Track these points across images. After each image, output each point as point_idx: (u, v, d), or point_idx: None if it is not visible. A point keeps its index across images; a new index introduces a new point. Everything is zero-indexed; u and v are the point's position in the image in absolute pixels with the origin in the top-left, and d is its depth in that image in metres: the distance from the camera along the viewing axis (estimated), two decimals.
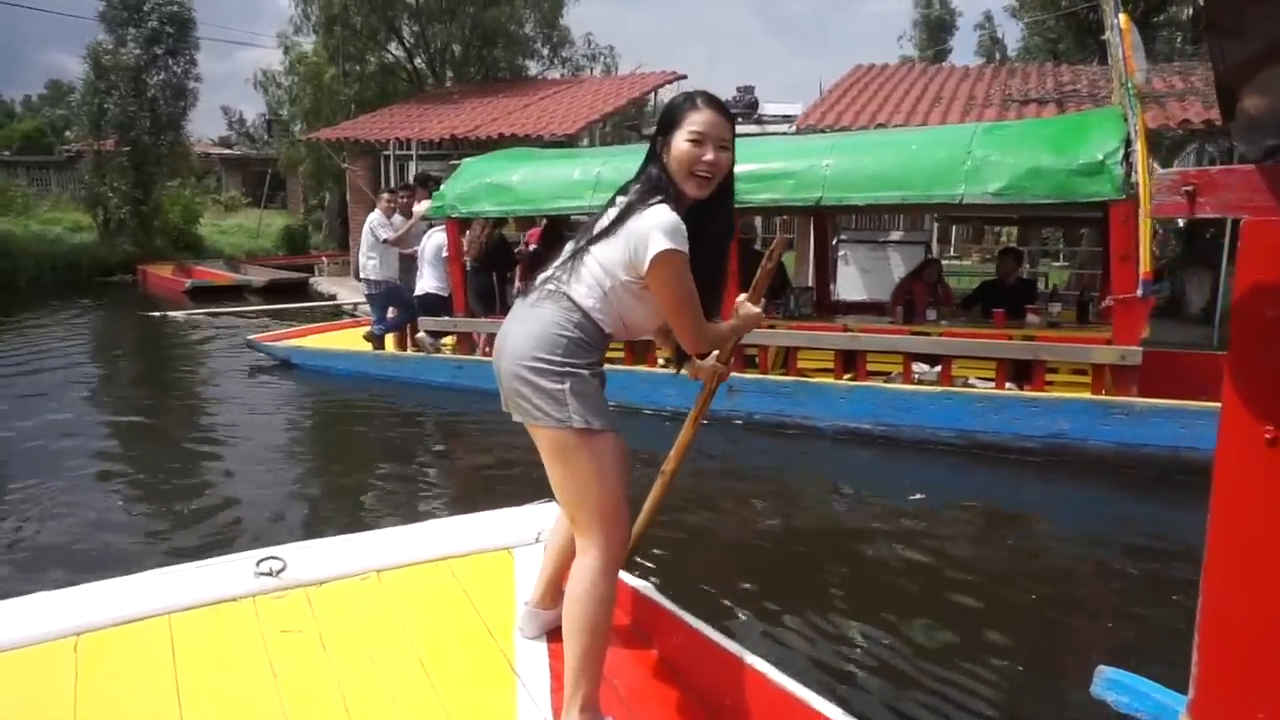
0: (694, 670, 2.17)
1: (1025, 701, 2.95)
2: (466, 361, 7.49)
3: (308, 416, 7.14)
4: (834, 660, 3.10)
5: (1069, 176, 5.45)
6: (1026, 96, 9.84)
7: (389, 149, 14.45)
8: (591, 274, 1.96)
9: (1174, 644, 3.34)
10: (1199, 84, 9.85)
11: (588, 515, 1.96)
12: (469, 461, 6.06)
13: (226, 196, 27.53)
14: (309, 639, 2.25)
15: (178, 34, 18.66)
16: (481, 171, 7.48)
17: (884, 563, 4.14)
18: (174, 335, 11.41)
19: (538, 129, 12.60)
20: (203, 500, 4.77)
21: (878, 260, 11.25)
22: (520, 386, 1.93)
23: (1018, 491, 5.34)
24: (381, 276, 7.77)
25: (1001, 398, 5.69)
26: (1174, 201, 1.25)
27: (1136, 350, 5.41)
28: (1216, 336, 9.55)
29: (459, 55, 19.35)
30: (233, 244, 21.27)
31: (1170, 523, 4.76)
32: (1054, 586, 3.95)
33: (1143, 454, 5.31)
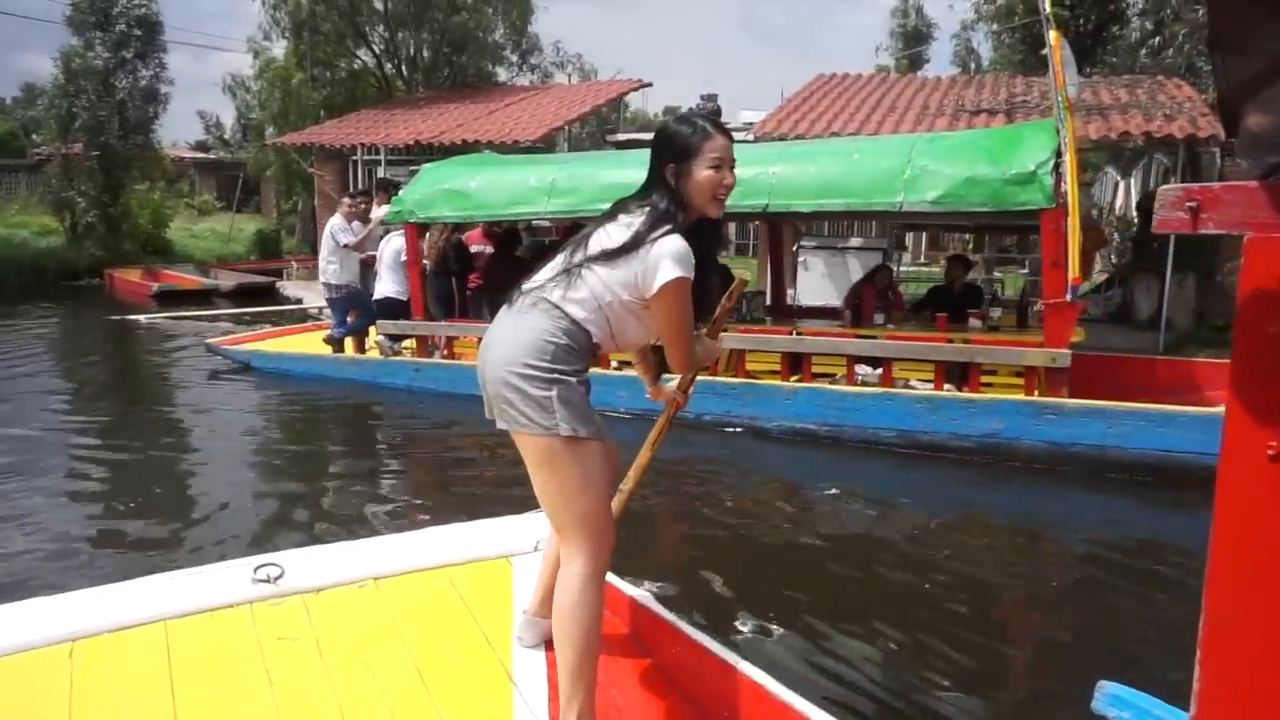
0: (691, 680, 2.16)
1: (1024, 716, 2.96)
2: (425, 364, 7.60)
3: (272, 420, 7.20)
4: (815, 667, 3.12)
5: (1003, 186, 5.66)
6: (978, 107, 10.10)
7: (357, 154, 14.53)
8: (590, 289, 1.98)
9: (1115, 632, 3.54)
10: (1143, 97, 10.15)
11: (572, 523, 1.97)
12: (437, 465, 6.11)
13: (200, 201, 27.39)
14: (306, 646, 2.23)
15: (146, 37, 18.62)
16: (440, 177, 7.59)
17: (841, 563, 4.25)
18: (135, 339, 11.41)
19: (502, 135, 12.73)
20: (179, 509, 4.75)
21: (836, 266, 11.47)
22: (507, 393, 1.93)
23: (1023, 497, 5.43)
24: (342, 280, 7.86)
25: (939, 398, 5.88)
26: (1177, 218, 1.23)
27: (1066, 353, 5.62)
28: (1162, 342, 9.83)
29: (427, 61, 19.44)
30: (204, 248, 21.20)
31: (1121, 521, 4.94)
32: (1031, 589, 4.10)
33: (1072, 453, 5.52)
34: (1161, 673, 3.09)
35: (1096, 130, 9.20)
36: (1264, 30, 1.03)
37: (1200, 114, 9.27)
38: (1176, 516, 4.98)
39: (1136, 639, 3.54)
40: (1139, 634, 3.58)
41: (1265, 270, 1.18)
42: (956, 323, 6.62)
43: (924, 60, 31.43)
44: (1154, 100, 9.92)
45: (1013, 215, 6.01)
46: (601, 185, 6.72)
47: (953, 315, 6.71)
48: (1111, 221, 17.28)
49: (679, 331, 2.04)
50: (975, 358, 5.95)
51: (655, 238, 1.95)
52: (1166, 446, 5.31)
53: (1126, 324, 11.27)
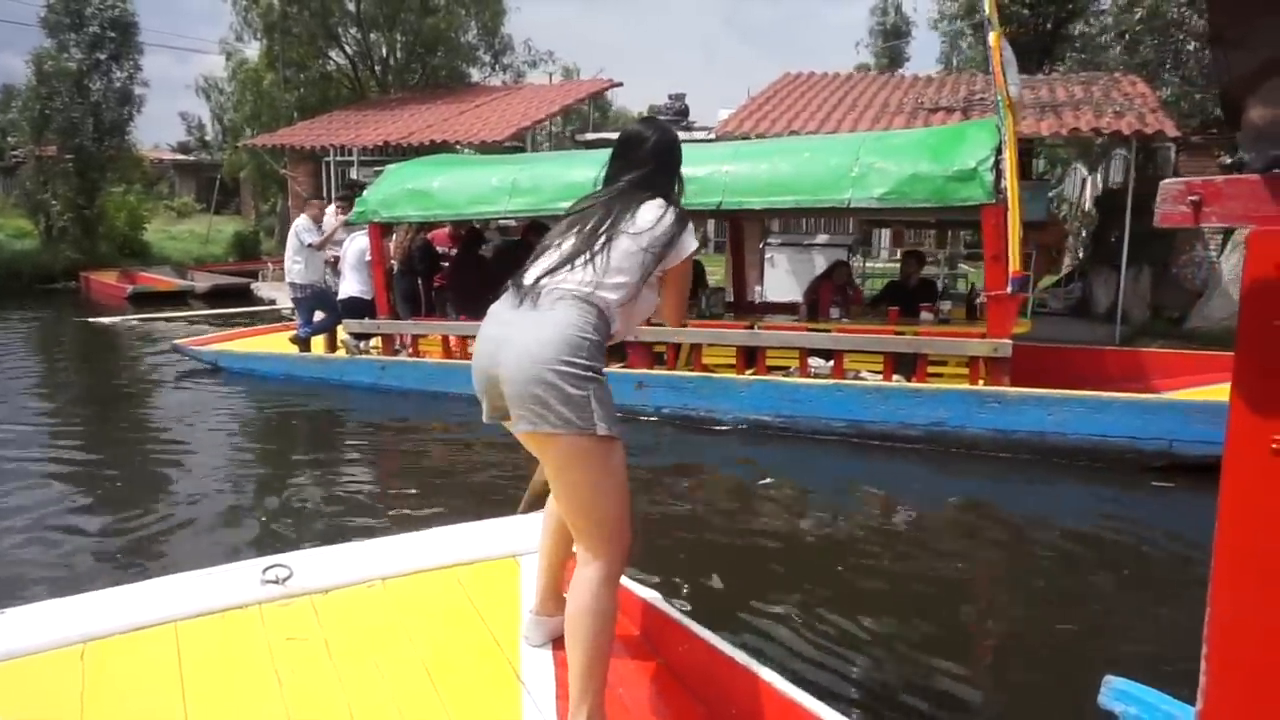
0: (701, 681, 2.16)
1: (1030, 710, 2.99)
2: (390, 362, 7.72)
3: (247, 421, 7.25)
4: (805, 659, 3.17)
5: (945, 182, 5.84)
6: (936, 105, 10.30)
7: (329, 155, 14.60)
8: (626, 269, 1.99)
9: (1104, 620, 3.70)
10: (1097, 94, 10.37)
11: (596, 525, 1.94)
12: (417, 463, 6.21)
13: (179, 203, 27.29)
14: (314, 647, 2.25)
15: (121, 39, 18.60)
16: (403, 178, 7.71)
17: (800, 554, 4.36)
18: (107, 341, 11.45)
19: (470, 135, 12.84)
20: (159, 514, 4.75)
21: (803, 262, 11.65)
22: (540, 392, 1.86)
23: (1008, 489, 5.50)
24: (307, 280, 7.97)
25: (887, 389, 6.07)
26: (1179, 211, 1.23)
27: (1007, 343, 5.80)
28: (1118, 334, 10.07)
29: (400, 62, 19.51)
30: (182, 250, 21.16)
31: (1082, 509, 5.07)
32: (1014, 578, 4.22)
33: (1014, 439, 5.72)
34: (1132, 648, 3.29)
35: (1048, 127, 9.41)
36: (1265, 24, 1.07)
37: (1150, 110, 9.50)
38: (1110, 493, 5.18)
39: (1123, 626, 3.65)
40: (1125, 621, 3.73)
41: (1268, 263, 1.18)
42: (909, 316, 6.79)
43: (905, 58, 31.66)
44: (1107, 97, 10.14)
45: (956, 211, 6.19)
46: (562, 185, 6.85)
47: (906, 309, 6.89)
48: (1078, 217, 17.60)
49: (684, 290, 2.21)
50: (921, 349, 6.13)
51: (680, 229, 2.09)
52: (1102, 432, 5.51)
53: (1086, 317, 11.52)
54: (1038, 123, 9.53)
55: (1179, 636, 3.45)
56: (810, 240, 12.21)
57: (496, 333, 1.99)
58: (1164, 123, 9.10)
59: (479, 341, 2.05)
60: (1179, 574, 4.09)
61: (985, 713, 2.98)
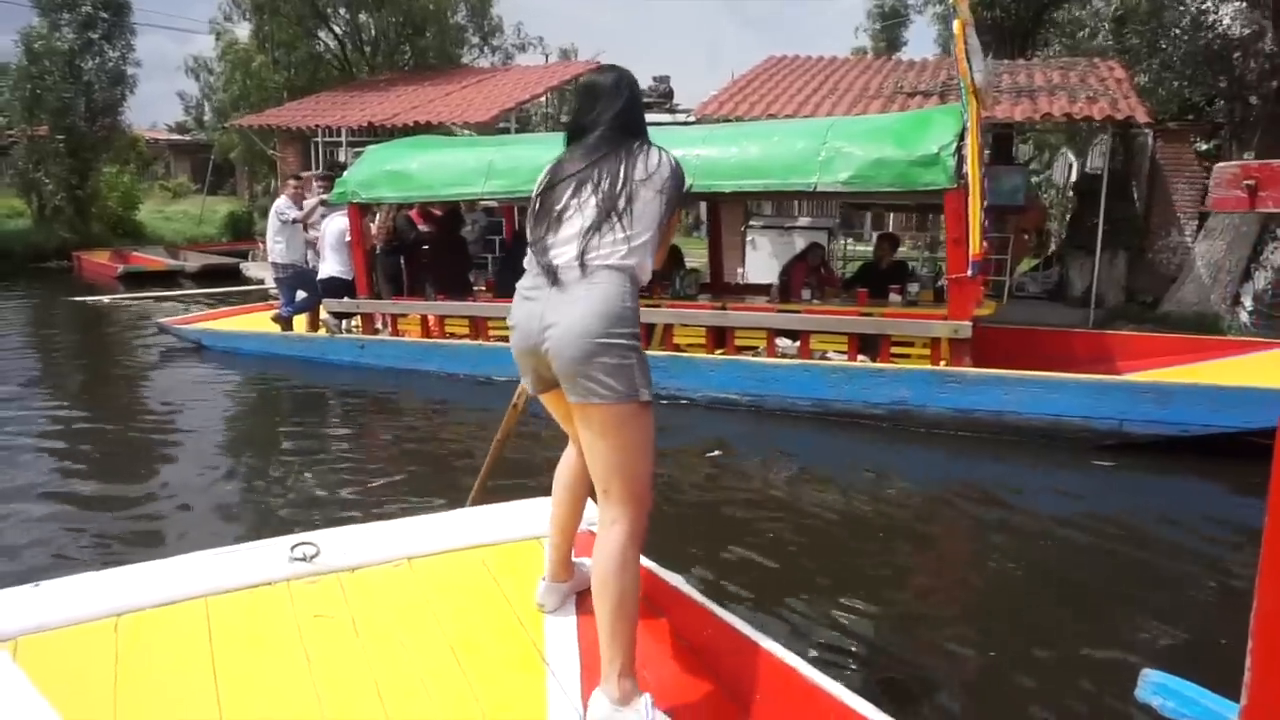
0: (723, 662, 2.18)
1: (1067, 700, 2.96)
2: (370, 341, 7.86)
3: (226, 398, 7.36)
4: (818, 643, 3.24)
5: (908, 167, 5.97)
6: (914, 90, 10.40)
7: (318, 136, 14.66)
8: (644, 224, 2.01)
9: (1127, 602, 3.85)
10: (1074, 80, 10.47)
11: (626, 485, 1.98)
12: (399, 438, 6.38)
13: (175, 183, 27.27)
14: (342, 624, 2.28)
15: (113, 19, 18.60)
16: (383, 159, 7.82)
17: (811, 531, 4.47)
18: (97, 320, 11.57)
19: (455, 116, 12.91)
20: (152, 495, 4.82)
21: (784, 245, 11.77)
22: (589, 368, 1.91)
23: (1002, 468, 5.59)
24: (288, 260, 8.09)
25: (852, 368, 6.22)
26: (1234, 196, 1.19)
27: (967, 324, 5.96)
28: (1093, 317, 10.23)
29: (389, 43, 19.51)
30: (176, 230, 21.23)
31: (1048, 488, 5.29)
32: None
33: (973, 418, 5.88)
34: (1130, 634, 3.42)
35: (1022, 112, 9.52)
36: None
37: (1124, 96, 9.61)
38: (1057, 472, 5.35)
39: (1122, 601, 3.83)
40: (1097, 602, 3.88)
41: None
42: (878, 298, 6.94)
43: (902, 41, 31.52)
44: (1083, 83, 10.24)
45: (920, 195, 6.32)
46: (538, 167, 6.91)
47: (879, 291, 7.03)
48: (1062, 201, 17.71)
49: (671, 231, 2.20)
50: (884, 330, 6.29)
51: (673, 160, 2.11)
52: (1056, 411, 5.68)
53: (1063, 300, 11.67)
54: (1013, 107, 9.63)
55: (1139, 613, 3.64)
56: (792, 223, 12.33)
57: (538, 310, 2.01)
58: (1136, 109, 9.22)
59: (518, 318, 2.08)
60: (1139, 550, 4.27)
61: (984, 688, 3.04)
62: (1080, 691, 2.94)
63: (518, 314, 2.08)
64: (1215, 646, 3.20)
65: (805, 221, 12.51)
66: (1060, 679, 3.03)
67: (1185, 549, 4.29)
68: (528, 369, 2.11)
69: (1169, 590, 3.87)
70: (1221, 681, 2.75)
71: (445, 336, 7.74)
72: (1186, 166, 11.18)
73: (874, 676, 3.02)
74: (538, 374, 2.09)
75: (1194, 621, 3.54)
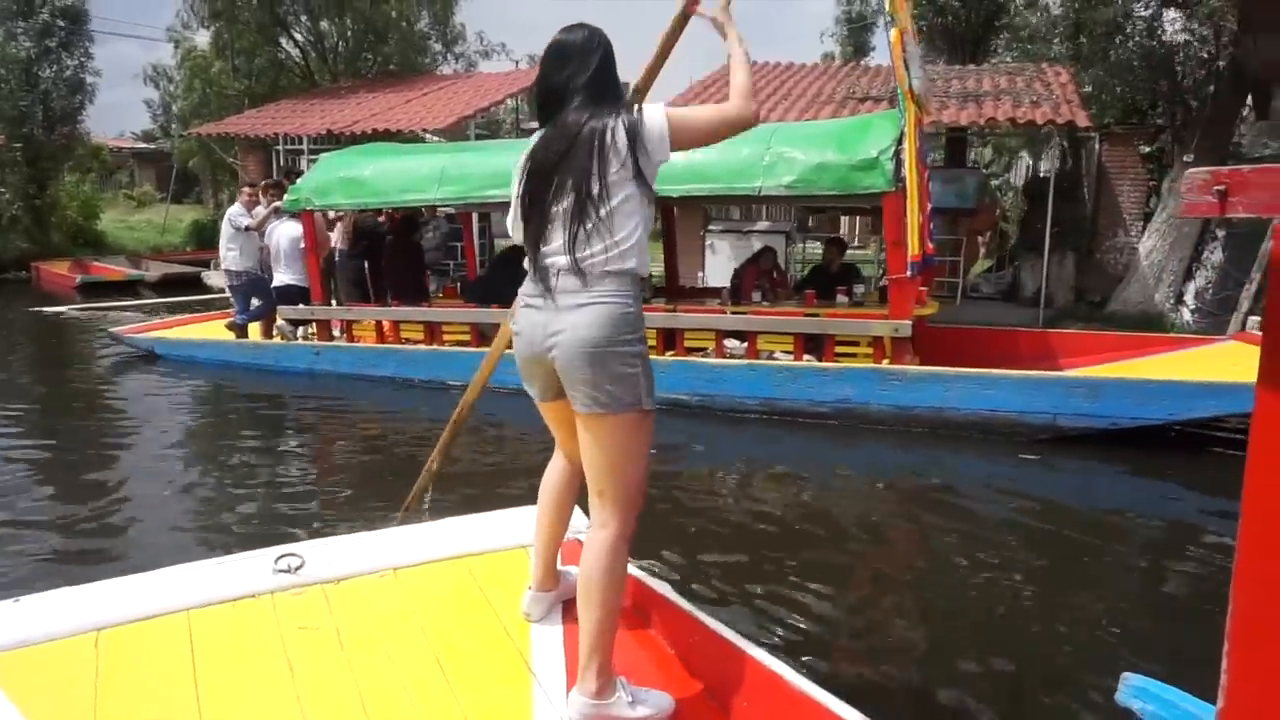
0: (708, 668, 2.17)
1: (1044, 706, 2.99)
2: (325, 347, 7.88)
3: (181, 407, 7.33)
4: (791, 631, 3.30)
5: (849, 171, 6.12)
6: (865, 95, 10.61)
7: (279, 144, 14.63)
8: (630, 216, 1.95)
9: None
10: (1021, 85, 10.73)
11: (621, 490, 1.97)
12: (352, 445, 6.42)
13: (139, 191, 26.99)
14: (326, 636, 2.26)
15: (70, 26, 18.45)
16: (337, 166, 7.87)
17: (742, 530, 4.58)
18: (52, 331, 11.48)
19: (414, 124, 12.96)
20: (115, 506, 4.73)
21: (743, 248, 11.90)
22: (596, 377, 1.89)
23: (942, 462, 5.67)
24: (242, 267, 8.10)
25: (797, 368, 6.35)
26: (1205, 202, 1.19)
27: (907, 323, 6.10)
28: (1042, 317, 10.47)
29: (351, 50, 19.49)
30: (140, 239, 21.05)
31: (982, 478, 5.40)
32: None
33: (915, 414, 6.03)
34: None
35: (968, 116, 9.74)
36: None
37: (1066, 101, 9.86)
38: (991, 464, 5.51)
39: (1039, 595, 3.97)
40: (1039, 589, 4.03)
41: None
42: (826, 299, 7.08)
43: (870, 47, 31.78)
44: (1029, 88, 10.50)
45: (860, 198, 6.47)
46: (489, 173, 7.06)
47: (825, 292, 7.17)
48: (1019, 204, 18.06)
49: (715, 118, 2.08)
50: (828, 329, 6.43)
51: (637, 115, 1.99)
52: (993, 406, 5.84)
53: (1015, 300, 11.94)
54: (959, 111, 9.86)
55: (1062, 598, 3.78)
56: (750, 227, 12.49)
57: (542, 319, 1.98)
58: (1077, 113, 9.46)
59: (522, 326, 2.04)
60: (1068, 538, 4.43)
61: (940, 679, 3.07)
62: (1033, 681, 3.05)
63: (522, 322, 2.05)
64: (1147, 628, 3.37)
65: (764, 225, 12.68)
66: (1013, 665, 3.15)
67: (1113, 535, 4.46)
68: (534, 376, 2.08)
69: (1106, 575, 4.02)
70: (1140, 650, 2.81)
71: (400, 341, 7.78)
72: (1131, 169, 11.49)
73: (834, 673, 3.06)
74: (545, 382, 2.06)
75: (1121, 604, 3.69)
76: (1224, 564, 4.06)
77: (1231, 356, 6.39)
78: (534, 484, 2.34)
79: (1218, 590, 3.48)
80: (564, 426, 2.16)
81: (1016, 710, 2.94)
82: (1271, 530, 1.20)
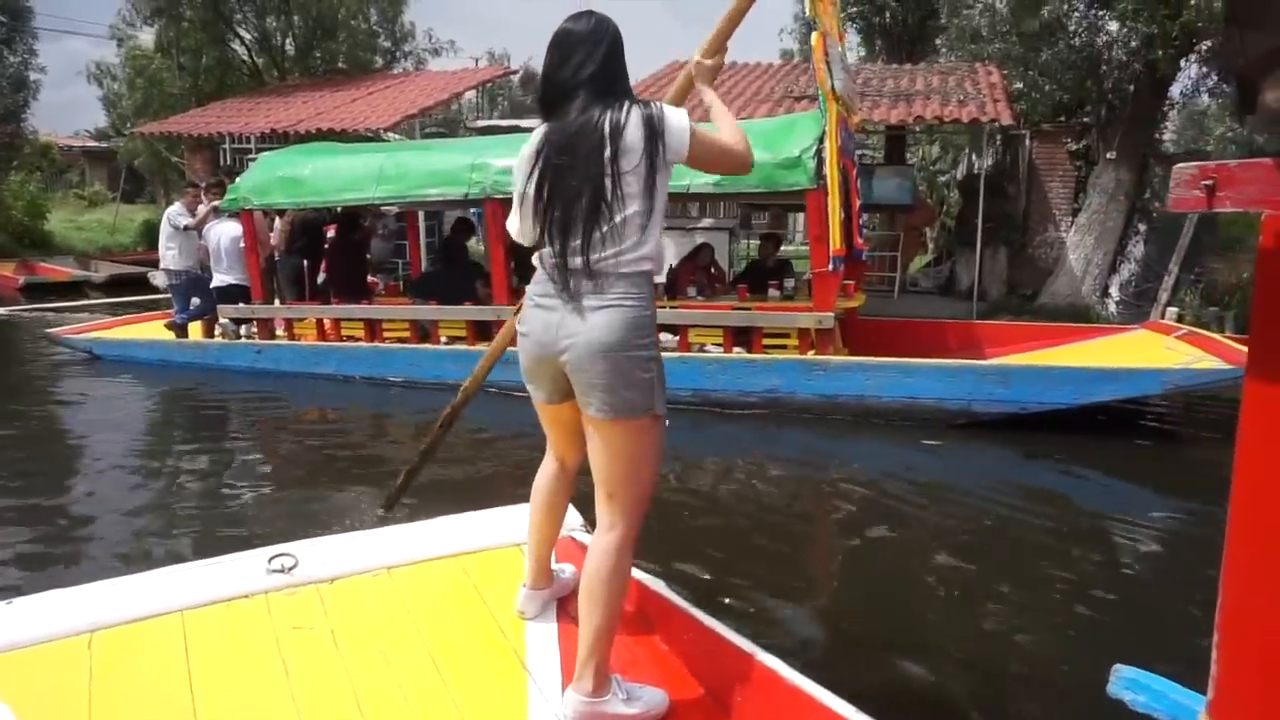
0: (704, 667, 2.17)
1: (1036, 698, 2.99)
2: (267, 346, 7.94)
3: (123, 410, 7.27)
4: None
5: (773, 169, 6.33)
6: (802, 94, 10.86)
7: (225, 143, 14.55)
8: (646, 215, 1.90)
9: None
10: (952, 84, 11.07)
11: (629, 494, 1.95)
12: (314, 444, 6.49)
13: (90, 191, 26.53)
14: (321, 635, 2.26)
15: (12, 24, 18.14)
16: (276, 165, 7.93)
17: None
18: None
19: (358, 123, 13.00)
20: (64, 516, 4.63)
21: (687, 245, 12.07)
22: (610, 382, 1.86)
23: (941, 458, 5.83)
24: (181, 266, 8.13)
25: (727, 360, 6.57)
26: (1193, 196, 1.18)
27: (830, 315, 6.34)
28: (975, 309, 10.82)
29: (299, 48, 19.37)
30: (89, 239, 20.71)
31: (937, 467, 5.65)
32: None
33: (838, 402, 6.27)
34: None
35: (898, 115, 10.04)
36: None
37: (994, 100, 10.20)
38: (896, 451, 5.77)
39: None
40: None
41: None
42: (759, 293, 7.30)
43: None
44: (959, 87, 10.83)
45: (785, 195, 6.70)
46: (426, 172, 7.19)
47: (759, 287, 7.39)
48: (958, 200, 18.52)
49: (725, 142, 2.02)
50: (755, 322, 6.65)
51: (659, 109, 1.92)
52: (911, 394, 6.10)
53: (952, 295, 12.30)
54: (889, 110, 10.15)
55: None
56: (694, 224, 12.71)
57: (555, 320, 1.92)
58: (1002, 112, 9.81)
59: (533, 327, 1.99)
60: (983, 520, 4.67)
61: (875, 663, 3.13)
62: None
63: (533, 322, 1.99)
64: (1131, 619, 3.45)
65: (708, 223, 12.90)
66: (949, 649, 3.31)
67: (1011, 514, 4.71)
68: (543, 378, 2.02)
69: (1015, 553, 4.27)
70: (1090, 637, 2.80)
71: (341, 339, 7.87)
72: (1060, 166, 11.89)
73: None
74: (554, 385, 2.01)
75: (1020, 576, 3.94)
76: (1146, 544, 4.34)
77: (1139, 344, 6.73)
78: (527, 481, 2.33)
79: (1171, 571, 3.68)
80: (563, 430, 2.13)
81: (982, 696, 2.96)
82: (1259, 522, 1.20)
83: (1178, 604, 3.60)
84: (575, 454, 2.18)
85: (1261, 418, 1.19)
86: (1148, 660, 1.78)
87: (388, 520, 3.91)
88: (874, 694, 2.37)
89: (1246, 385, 1.20)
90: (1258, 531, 1.21)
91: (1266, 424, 1.18)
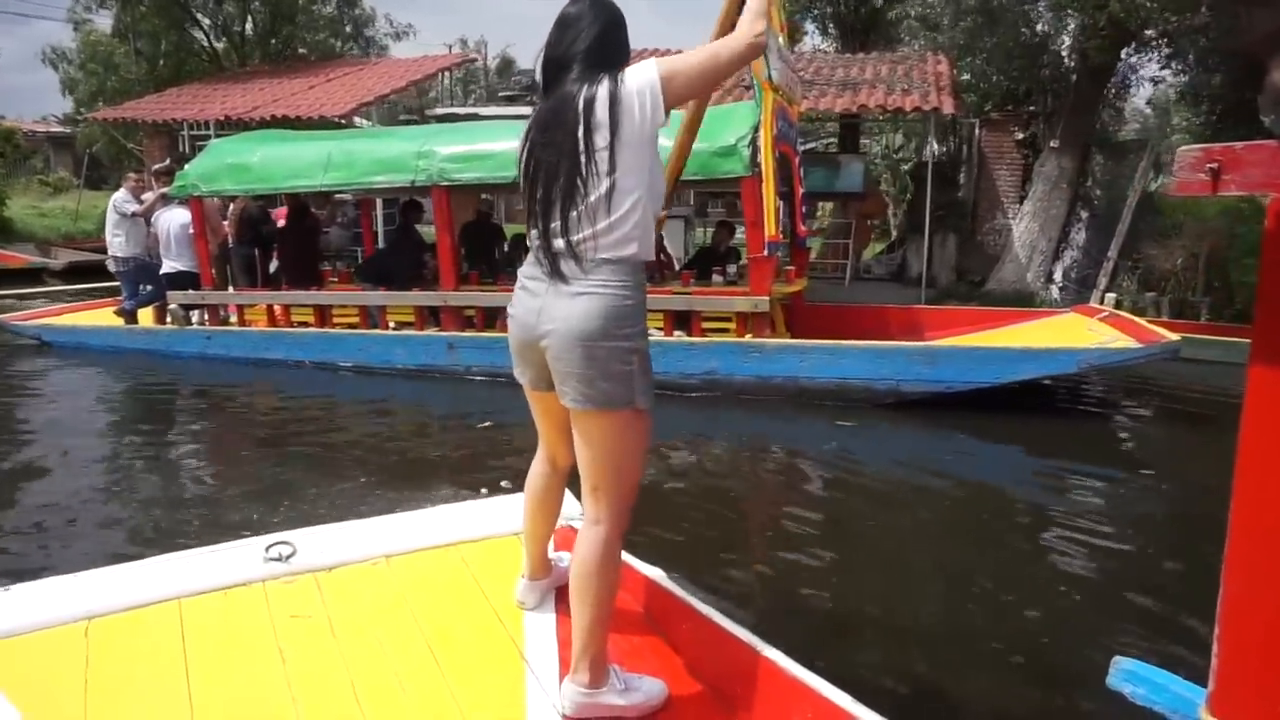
0: (703, 658, 2.17)
1: (1031, 691, 2.95)
2: (216, 332, 8.01)
3: (79, 396, 7.30)
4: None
5: (710, 157, 6.48)
6: (752, 82, 11.00)
7: (183, 130, 14.48)
8: (630, 194, 1.82)
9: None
10: (900, 73, 11.27)
11: (614, 488, 1.92)
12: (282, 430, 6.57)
13: (54, 177, 26.17)
14: (318, 624, 2.25)
15: None
16: (224, 152, 7.98)
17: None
18: None
19: (313, 110, 12.99)
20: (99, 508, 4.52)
21: None
22: (587, 372, 1.82)
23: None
24: (129, 253, 8.16)
25: (667, 343, 6.73)
26: (1197, 180, 1.16)
27: (765, 299, 6.52)
28: (924, 296, 11.06)
29: (258, 34, 19.25)
30: (51, 226, 20.42)
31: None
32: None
33: (773, 384, 6.46)
34: None
35: (843, 104, 10.24)
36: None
37: (938, 89, 10.42)
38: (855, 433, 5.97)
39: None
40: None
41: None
42: (705, 279, 7.46)
43: (802, 33, 32.21)
44: (906, 76, 11.04)
45: (722, 182, 6.86)
46: (374, 159, 7.27)
47: (706, 272, 7.56)
48: (910, 188, 18.81)
49: (706, 64, 1.85)
50: (694, 306, 6.82)
51: (618, 78, 1.84)
52: (842, 375, 6.30)
53: (903, 281, 12.55)
54: (835, 99, 10.34)
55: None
56: None
57: (536, 305, 1.90)
58: (945, 101, 10.02)
59: (517, 311, 1.98)
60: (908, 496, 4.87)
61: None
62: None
63: (518, 305, 1.98)
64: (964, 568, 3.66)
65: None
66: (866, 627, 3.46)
67: (936, 490, 4.92)
68: (526, 363, 2.02)
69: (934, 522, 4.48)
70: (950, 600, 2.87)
71: (291, 325, 7.95)
72: (1008, 154, 12.15)
73: None
74: (538, 371, 1.98)
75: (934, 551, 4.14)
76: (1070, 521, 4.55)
77: (1065, 326, 6.99)
78: (525, 470, 2.32)
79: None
80: (550, 420, 2.12)
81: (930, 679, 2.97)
82: (1261, 515, 1.19)
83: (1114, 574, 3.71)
84: (566, 451, 2.14)
85: (1265, 406, 1.17)
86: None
87: (386, 509, 4.00)
88: (849, 676, 2.28)
89: (1250, 373, 1.18)
90: (1259, 523, 1.20)
91: (1270, 413, 1.16)
